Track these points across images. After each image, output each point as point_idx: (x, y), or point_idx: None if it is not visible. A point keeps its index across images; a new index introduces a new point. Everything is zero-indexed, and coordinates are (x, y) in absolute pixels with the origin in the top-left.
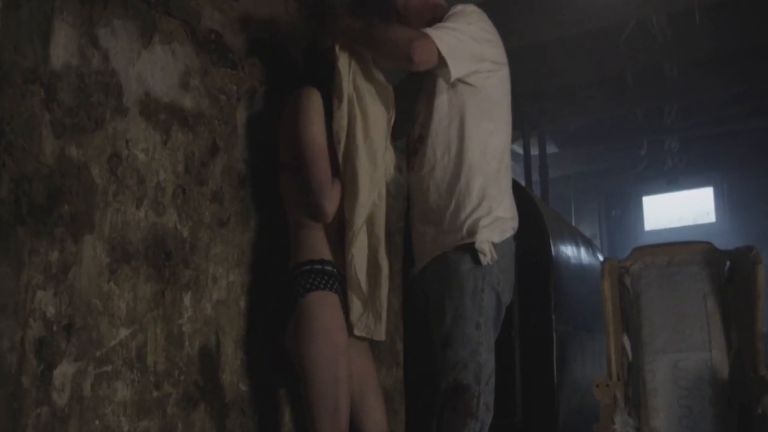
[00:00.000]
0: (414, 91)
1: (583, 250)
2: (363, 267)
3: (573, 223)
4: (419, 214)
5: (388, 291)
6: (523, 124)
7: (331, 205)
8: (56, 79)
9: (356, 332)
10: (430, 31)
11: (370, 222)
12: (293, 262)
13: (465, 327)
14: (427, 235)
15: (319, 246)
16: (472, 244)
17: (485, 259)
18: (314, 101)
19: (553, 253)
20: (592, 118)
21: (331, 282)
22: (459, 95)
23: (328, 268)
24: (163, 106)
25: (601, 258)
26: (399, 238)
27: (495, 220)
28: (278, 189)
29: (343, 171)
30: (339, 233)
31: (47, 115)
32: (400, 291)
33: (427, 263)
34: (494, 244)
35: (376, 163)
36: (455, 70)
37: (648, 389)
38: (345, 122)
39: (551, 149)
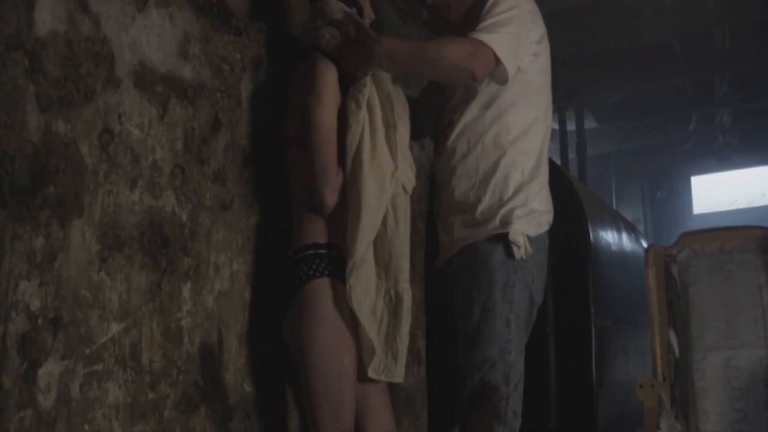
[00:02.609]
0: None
1: (625, 236)
2: (367, 300)
3: (614, 207)
4: (447, 204)
5: (410, 323)
6: (558, 97)
7: (331, 196)
8: (42, 47)
9: (371, 374)
10: (483, 36)
11: (386, 249)
12: (296, 246)
13: (494, 323)
14: (455, 225)
15: (326, 228)
16: (506, 234)
17: (519, 252)
18: (329, 77)
19: (591, 240)
20: (635, 89)
21: (338, 269)
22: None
23: (335, 253)
24: (160, 76)
25: (645, 245)
26: (421, 222)
27: (531, 213)
28: (286, 166)
29: (348, 193)
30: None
31: (32, 86)
32: (423, 281)
33: (454, 254)
34: (529, 238)
35: (383, 187)
36: (511, 69)
37: (697, 390)
38: (359, 131)
39: (590, 124)
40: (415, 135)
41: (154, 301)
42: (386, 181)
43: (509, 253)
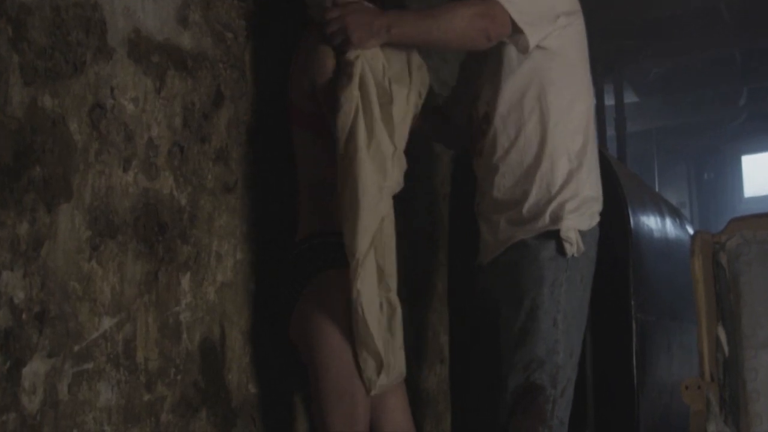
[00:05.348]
0: (473, 65)
1: (668, 222)
2: (374, 305)
3: (656, 189)
4: (490, 203)
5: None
6: (595, 70)
7: None
8: (26, 14)
9: (373, 393)
10: None
11: (380, 250)
12: (303, 233)
13: (541, 322)
14: (500, 224)
15: (336, 213)
16: (557, 231)
17: (571, 249)
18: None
19: (632, 226)
20: (680, 60)
21: None
22: (532, 62)
23: None
24: (157, 45)
25: (691, 231)
26: (444, 207)
27: (582, 203)
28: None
29: (341, 183)
30: None
31: (15, 57)
32: (445, 270)
33: (499, 254)
34: (581, 233)
35: (384, 171)
36: (533, 38)
37: (748, 391)
38: (352, 109)
39: (630, 98)
40: (450, 142)
41: (150, 293)
42: (387, 164)
43: (560, 250)
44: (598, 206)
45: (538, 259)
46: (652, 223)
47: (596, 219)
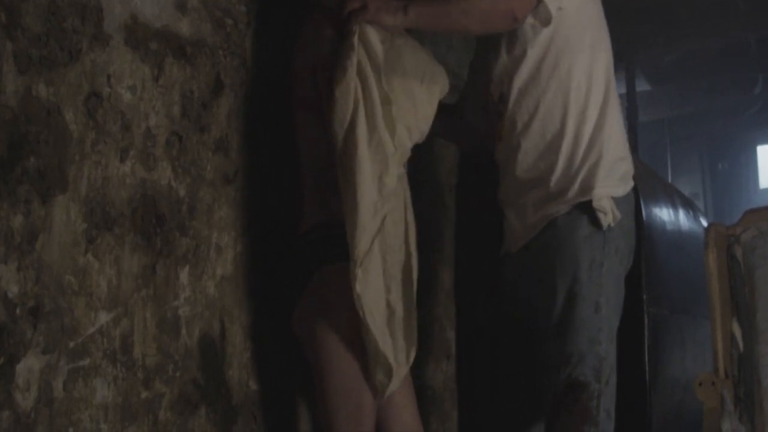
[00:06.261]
0: (482, 55)
1: (681, 214)
2: (379, 308)
3: (669, 180)
4: (515, 186)
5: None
6: None
7: None
8: (20, 0)
9: (387, 394)
10: None
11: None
12: (307, 225)
13: (581, 310)
14: (528, 205)
15: (341, 203)
16: (589, 202)
17: (606, 220)
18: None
19: (643, 218)
20: (694, 46)
21: None
22: (547, 29)
23: None
24: (154, 32)
25: (704, 223)
26: (450, 198)
27: (612, 166)
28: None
29: (340, 180)
30: None
31: (9, 44)
32: (452, 263)
33: (530, 239)
34: (615, 200)
35: (386, 168)
36: (553, 5)
37: (764, 388)
38: (350, 102)
39: (642, 86)
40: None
41: (147, 287)
42: (390, 161)
43: (595, 224)
44: (627, 166)
45: (572, 239)
46: (664, 215)
47: (630, 183)
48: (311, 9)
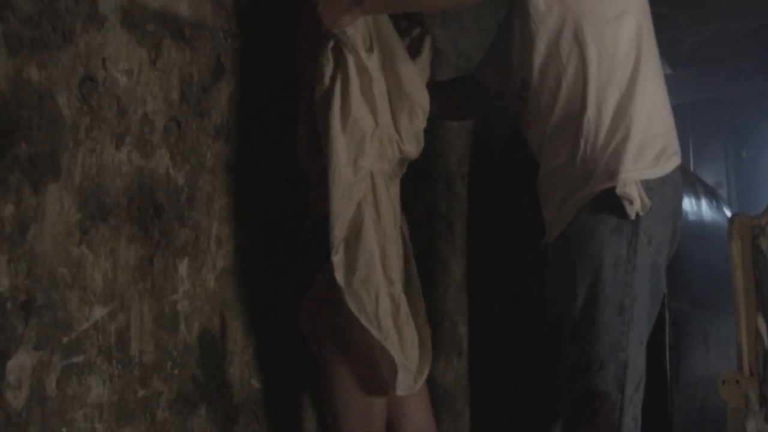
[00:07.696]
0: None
1: (704, 203)
2: (381, 301)
3: (691, 168)
4: (546, 174)
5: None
6: None
7: None
8: None
9: (399, 392)
10: None
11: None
12: (314, 216)
13: (602, 312)
14: (556, 195)
15: None
16: (613, 189)
17: (634, 209)
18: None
19: None
20: (717, 28)
21: None
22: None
23: None
24: (152, 13)
25: (728, 214)
26: (462, 187)
27: (645, 143)
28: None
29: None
30: None
31: None
32: (464, 255)
33: (561, 231)
34: (648, 183)
35: (362, 148)
36: None
37: None
38: (327, 83)
39: (663, 70)
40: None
41: (144, 280)
42: (366, 141)
43: (622, 215)
44: (665, 143)
45: (595, 235)
46: (686, 205)
47: (671, 162)
48: None
